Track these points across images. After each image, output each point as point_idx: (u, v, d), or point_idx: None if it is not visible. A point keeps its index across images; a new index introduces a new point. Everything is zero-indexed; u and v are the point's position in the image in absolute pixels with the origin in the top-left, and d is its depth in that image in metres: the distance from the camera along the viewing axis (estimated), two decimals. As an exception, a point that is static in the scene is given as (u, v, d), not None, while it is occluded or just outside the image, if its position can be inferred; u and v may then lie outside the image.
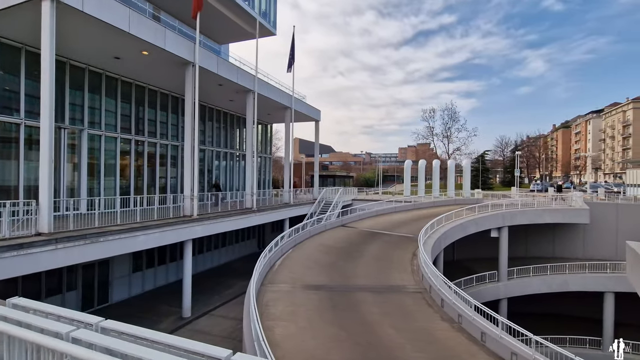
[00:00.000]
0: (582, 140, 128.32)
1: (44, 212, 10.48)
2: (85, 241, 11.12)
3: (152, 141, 20.27)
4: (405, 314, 12.14)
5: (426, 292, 13.67)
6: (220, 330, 14.80)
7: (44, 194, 10.52)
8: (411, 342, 10.28)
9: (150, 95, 20.14)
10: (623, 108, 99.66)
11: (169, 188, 21.42)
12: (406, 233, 21.57)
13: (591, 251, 25.14)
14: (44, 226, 10.50)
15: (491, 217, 21.01)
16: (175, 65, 16.28)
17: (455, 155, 78.28)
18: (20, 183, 13.85)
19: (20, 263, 9.49)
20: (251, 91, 20.76)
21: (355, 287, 14.33)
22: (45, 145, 10.48)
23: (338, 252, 18.62)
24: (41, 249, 9.91)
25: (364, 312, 12.17)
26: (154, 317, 16.26)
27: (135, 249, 13.21)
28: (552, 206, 22.24)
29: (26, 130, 14.03)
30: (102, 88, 17.22)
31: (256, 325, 8.90)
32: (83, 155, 16.32)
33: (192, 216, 15.99)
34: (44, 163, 10.52)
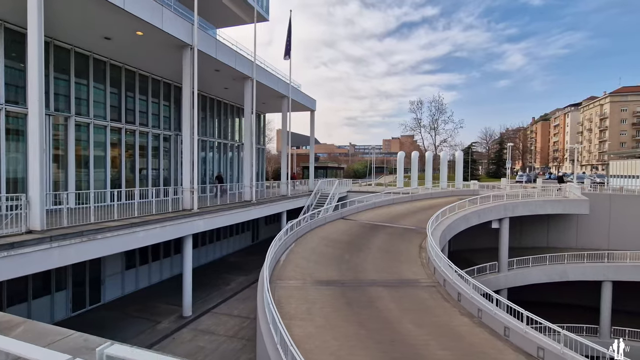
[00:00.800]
0: (561, 132, 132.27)
1: (35, 207, 9.42)
2: (82, 239, 10.12)
3: (144, 130, 19.03)
4: (423, 309, 11.79)
5: (440, 286, 13.38)
6: (225, 330, 14.10)
7: (35, 187, 9.44)
8: (435, 339, 9.92)
9: (142, 82, 18.82)
10: (600, 102, 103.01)
11: (161, 180, 20.27)
12: (408, 225, 21.29)
13: (584, 241, 25.67)
14: (36, 223, 9.44)
15: (494, 208, 20.96)
16: (172, 48, 15.12)
17: (443, 146, 79.08)
18: (1, 175, 12.58)
19: (11, 265, 8.47)
20: (249, 78, 19.73)
21: (367, 281, 13.89)
22: (35, 133, 9.36)
23: (343, 245, 18.12)
24: (34, 249, 8.90)
25: (381, 308, 11.76)
26: (153, 316, 15.36)
27: (135, 245, 12.26)
28: (553, 197, 22.44)
29: (7, 117, 12.70)
30: (90, 72, 15.87)
31: (280, 328, 8.27)
32: (70, 145, 15.05)
33: (192, 210, 15.06)
34: (34, 153, 9.42)
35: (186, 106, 15.17)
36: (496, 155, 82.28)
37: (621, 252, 20.42)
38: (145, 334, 13.79)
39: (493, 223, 21.27)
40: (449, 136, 77.95)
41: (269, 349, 8.67)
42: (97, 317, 15.15)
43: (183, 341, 13.20)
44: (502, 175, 77.91)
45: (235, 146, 27.72)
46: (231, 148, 27.19)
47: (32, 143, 9.43)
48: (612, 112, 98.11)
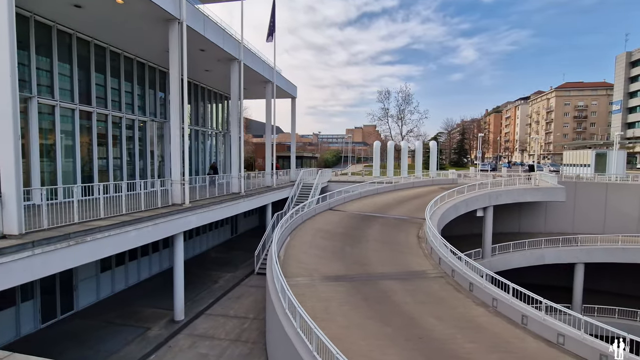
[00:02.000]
0: (512, 124, 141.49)
1: (10, 206, 7.72)
2: (69, 242, 8.56)
3: (117, 115, 16.89)
4: (438, 301, 11.65)
5: (448, 277, 13.34)
6: (226, 333, 13.03)
7: (10, 182, 7.72)
8: (459, 332, 9.78)
9: (113, 60, 16.61)
10: (547, 96, 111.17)
11: (137, 171, 18.29)
12: (399, 215, 21.25)
13: (552, 226, 27.45)
14: (13, 225, 7.77)
15: (480, 197, 21.52)
16: (156, 22, 13.32)
17: (409, 136, 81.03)
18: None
19: (-14, 278, 6.87)
20: (236, 60, 18.18)
21: (375, 275, 13.50)
22: (9, 114, 7.60)
23: (340, 238, 17.59)
24: (14, 257, 7.30)
25: (398, 302, 11.43)
26: (139, 322, 13.85)
27: (127, 247, 10.75)
28: (532, 186, 23.56)
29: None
30: (54, 46, 13.58)
31: (318, 334, 7.54)
32: (33, 131, 12.84)
33: (184, 204, 13.63)
34: (7, 140, 7.66)
35: (174, 90, 13.51)
36: (458, 145, 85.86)
37: (592, 236, 22.03)
38: (135, 343, 12.35)
39: (478, 211, 21.88)
40: (414, 126, 79.94)
41: (303, 356, 7.92)
42: (73, 328, 13.33)
43: (182, 349, 11.97)
44: (463, 164, 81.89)
45: (212, 134, 25.88)
46: (210, 136, 25.35)
47: (5, 127, 7.65)
48: (557, 105, 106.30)
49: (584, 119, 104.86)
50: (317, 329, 7.68)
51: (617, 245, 21.11)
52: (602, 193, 26.00)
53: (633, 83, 80.00)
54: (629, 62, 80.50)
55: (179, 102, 13.49)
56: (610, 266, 22.53)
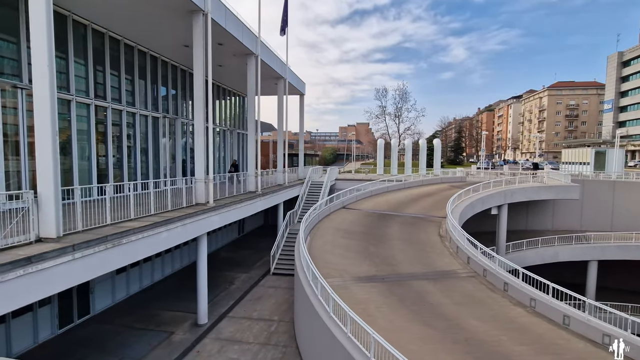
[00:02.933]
0: (504, 122, 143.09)
1: (49, 207, 7.19)
2: (107, 245, 8.05)
3: (131, 111, 16.23)
4: (474, 302, 11.46)
5: (480, 276, 13.17)
6: (254, 337, 12.62)
7: (48, 182, 7.19)
8: (504, 334, 9.61)
9: (127, 54, 15.93)
10: (540, 95, 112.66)
11: (150, 169, 17.64)
12: (415, 213, 21.05)
13: (559, 223, 27.65)
14: (50, 228, 7.24)
15: (495, 195, 21.47)
16: (178, 13, 12.74)
17: (406, 134, 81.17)
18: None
19: (30, 285, 6.35)
20: (253, 54, 17.66)
21: (405, 275, 13.25)
22: (47, 111, 7.06)
23: (361, 237, 17.30)
24: (56, 262, 6.78)
25: (435, 303, 11.20)
26: (161, 326, 13.34)
27: (159, 249, 10.24)
28: (545, 184, 23.63)
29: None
30: (69, 37, 12.89)
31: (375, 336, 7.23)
32: (49, 127, 12.14)
33: (208, 203, 13.14)
34: (45, 136, 7.12)
35: (198, 86, 12.97)
36: (455, 143, 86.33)
37: (605, 234, 22.22)
38: (161, 348, 11.86)
39: (492, 209, 21.83)
40: (411, 124, 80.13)
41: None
42: (91, 333, 12.76)
43: (211, 354, 11.52)
44: (460, 162, 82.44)
45: (220, 131, 25.26)
46: (217, 133, 24.74)
47: (42, 123, 7.10)
48: (549, 104, 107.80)
49: (576, 117, 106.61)
50: (376, 335, 7.38)
51: (631, 243, 21.34)
52: (609, 191, 26.28)
53: (624, 82, 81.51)
54: (621, 62, 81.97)
55: (202, 98, 12.97)
56: (617, 263, 22.74)
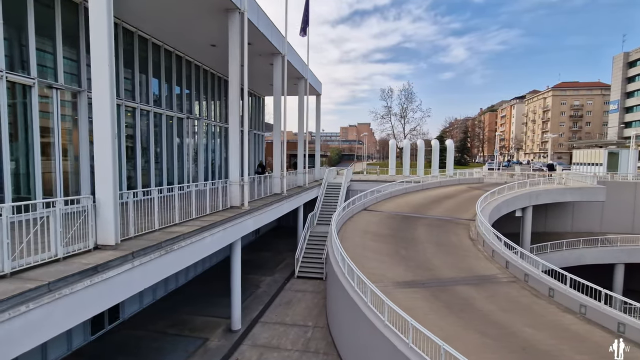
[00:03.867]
0: (507, 123, 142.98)
1: (107, 213, 6.88)
2: (161, 252, 7.74)
3: (158, 111, 15.91)
4: (522, 308, 11.20)
5: (521, 281, 12.90)
6: (291, 343, 12.30)
7: (107, 187, 6.87)
8: (561, 342, 9.34)
9: (155, 54, 15.60)
10: (544, 95, 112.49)
11: (175, 171, 17.32)
12: (439, 215, 20.76)
13: (579, 225, 27.37)
14: (109, 235, 6.93)
15: (520, 196, 21.20)
16: (213, 11, 12.43)
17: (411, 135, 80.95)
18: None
19: (95, 296, 6.05)
20: (280, 54, 17.37)
21: (445, 280, 12.95)
22: (107, 112, 6.75)
23: (390, 240, 17.01)
24: (118, 270, 6.48)
25: (483, 310, 10.92)
26: (194, 332, 13.02)
27: (203, 255, 9.93)
28: (571, 185, 23.36)
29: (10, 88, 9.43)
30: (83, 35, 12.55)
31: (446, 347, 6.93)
32: (82, 126, 11.86)
33: (243, 206, 12.83)
34: (104, 135, 6.81)
35: (233, 87, 12.70)
36: (461, 144, 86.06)
37: (632, 236, 21.94)
38: (198, 355, 11.54)
39: (517, 212, 21.55)
40: (417, 125, 79.91)
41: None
42: (125, 339, 12.44)
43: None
44: (466, 163, 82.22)
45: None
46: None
47: (102, 122, 6.80)
48: (553, 104, 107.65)
49: (580, 118, 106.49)
50: (446, 346, 7.08)
51: (660, 245, 21.12)
52: (631, 192, 26.02)
53: (630, 83, 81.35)
54: (627, 62, 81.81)
55: (237, 100, 12.68)
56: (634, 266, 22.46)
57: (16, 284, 5.06)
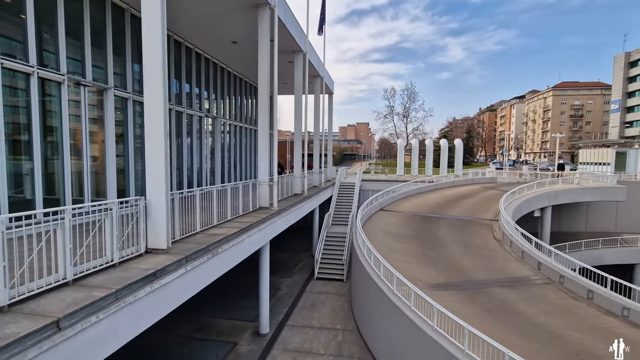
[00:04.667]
0: (507, 122, 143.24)
1: (159, 215, 6.55)
2: (208, 255, 7.42)
3: (179, 110, 15.55)
4: (563, 311, 10.97)
5: (556, 283, 12.67)
6: (323, 348, 12.00)
7: (158, 187, 6.54)
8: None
9: (176, 49, 15.24)
10: (544, 95, 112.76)
11: (194, 170, 16.96)
12: (459, 216, 20.52)
13: (593, 225, 27.24)
14: (161, 238, 6.60)
15: (540, 196, 21.02)
16: (241, 7, 12.09)
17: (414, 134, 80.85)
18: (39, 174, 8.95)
19: (154, 303, 5.73)
20: (301, 52, 17.05)
21: (479, 282, 12.70)
22: (159, 111, 6.43)
23: (413, 241, 16.74)
24: (173, 276, 6.16)
25: (524, 313, 10.69)
26: (221, 336, 12.70)
27: (241, 258, 9.59)
28: (591, 185, 23.21)
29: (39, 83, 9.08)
30: (127, 31, 12.21)
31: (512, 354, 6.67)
32: (109, 124, 11.50)
33: (273, 207, 12.51)
34: (157, 134, 6.48)
35: (263, 87, 12.37)
36: (465, 143, 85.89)
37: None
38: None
39: (535, 211, 21.36)
40: (419, 124, 79.86)
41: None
42: (153, 343, 12.04)
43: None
44: (469, 163, 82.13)
45: (251, 130, 24.59)
46: (249, 132, 24.07)
47: (154, 120, 6.47)
48: (554, 104, 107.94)
49: (580, 117, 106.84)
50: (511, 353, 6.81)
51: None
52: (646, 192, 25.94)
53: (632, 83, 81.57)
54: (628, 62, 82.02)
55: (267, 99, 12.35)
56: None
57: (82, 292, 4.73)
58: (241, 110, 22.44)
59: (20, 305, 4.25)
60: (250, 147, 23.87)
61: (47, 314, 4.07)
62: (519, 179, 30.43)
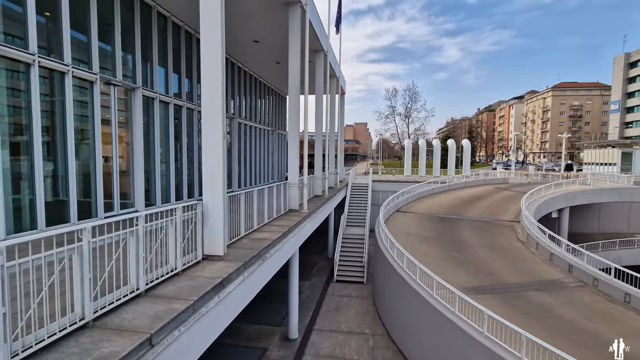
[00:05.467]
0: (506, 123, 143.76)
1: (216, 220, 6.28)
2: (260, 261, 7.15)
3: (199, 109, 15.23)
4: (604, 315, 10.85)
5: (589, 286, 12.53)
6: (356, 353, 11.75)
7: (216, 192, 6.27)
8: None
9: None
10: (543, 95, 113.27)
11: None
12: (477, 217, 20.36)
13: (605, 226, 27.22)
14: (218, 244, 6.33)
15: (558, 197, 20.93)
16: (273, 5, 11.81)
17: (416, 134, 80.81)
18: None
19: (221, 312, 5.45)
20: (322, 51, 16.79)
21: (512, 285, 12.54)
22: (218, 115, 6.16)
23: (436, 242, 16.55)
24: (235, 284, 5.89)
25: (564, 317, 10.55)
26: (251, 342, 12.42)
27: (283, 262, 9.34)
28: (607, 186, 23.17)
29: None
30: (154, 29, 11.90)
31: None
32: (136, 125, 11.19)
33: (303, 210, 12.26)
34: (215, 140, 6.21)
35: (293, 84, 12.08)
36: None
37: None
38: (263, 367, 10.95)
39: (553, 213, 21.26)
40: (421, 124, 79.89)
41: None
42: (180, 350, 11.77)
43: (321, 373, 10.67)
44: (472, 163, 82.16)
45: (264, 131, 24.31)
46: (263, 133, 23.80)
47: (211, 127, 6.20)
48: (553, 105, 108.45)
49: (579, 118, 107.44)
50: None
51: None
52: (659, 193, 25.93)
53: (631, 84, 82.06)
54: (628, 63, 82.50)
55: (297, 101, 12.09)
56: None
57: (160, 304, 4.46)
58: (255, 110, 22.15)
59: (104, 319, 3.98)
60: (263, 148, 23.58)
61: (135, 329, 3.80)
62: (529, 180, 30.38)
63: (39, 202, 7.87)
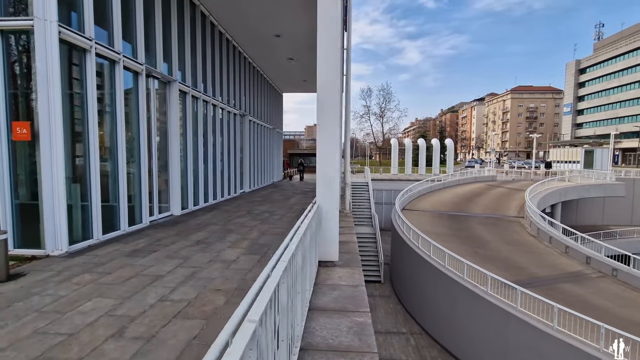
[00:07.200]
0: (468, 123, 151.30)
1: (332, 223, 5.88)
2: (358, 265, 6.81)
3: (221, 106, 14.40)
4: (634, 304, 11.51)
5: (609, 276, 13.36)
6: (403, 353, 11.65)
7: (333, 189, 5.88)
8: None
9: (228, 47, 14.06)
10: (503, 97, 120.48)
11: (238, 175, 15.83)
12: (482, 213, 21.11)
13: (583, 219, 29.37)
14: (333, 248, 5.94)
15: (553, 193, 22.23)
16: None
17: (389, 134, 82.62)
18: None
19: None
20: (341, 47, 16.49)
21: (545, 279, 13.12)
22: (336, 105, 5.75)
23: (455, 240, 16.93)
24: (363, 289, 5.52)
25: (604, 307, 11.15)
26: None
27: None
28: (593, 182, 24.92)
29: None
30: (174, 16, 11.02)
31: None
32: (172, 119, 10.31)
33: (345, 211, 11.94)
34: (331, 135, 5.84)
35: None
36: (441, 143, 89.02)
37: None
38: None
39: (546, 208, 22.57)
40: (394, 124, 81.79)
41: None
42: None
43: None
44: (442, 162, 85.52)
45: (268, 129, 23.58)
46: (268, 130, 23.08)
47: (327, 126, 5.78)
48: (512, 106, 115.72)
49: (535, 119, 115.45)
50: None
51: None
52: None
53: (582, 88, 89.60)
54: (578, 69, 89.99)
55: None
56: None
57: (349, 317, 4.03)
58: (261, 108, 21.39)
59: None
60: (267, 147, 22.87)
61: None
62: (513, 177, 32.06)
63: (95, 207, 6.95)
